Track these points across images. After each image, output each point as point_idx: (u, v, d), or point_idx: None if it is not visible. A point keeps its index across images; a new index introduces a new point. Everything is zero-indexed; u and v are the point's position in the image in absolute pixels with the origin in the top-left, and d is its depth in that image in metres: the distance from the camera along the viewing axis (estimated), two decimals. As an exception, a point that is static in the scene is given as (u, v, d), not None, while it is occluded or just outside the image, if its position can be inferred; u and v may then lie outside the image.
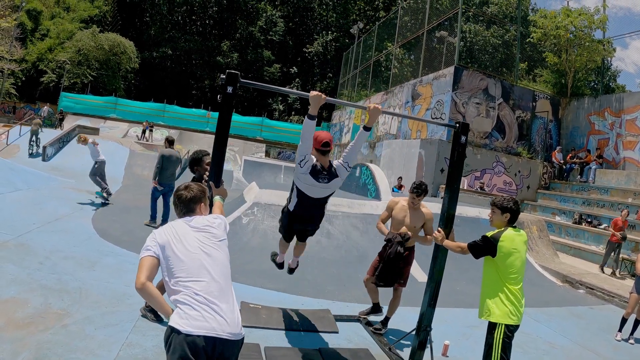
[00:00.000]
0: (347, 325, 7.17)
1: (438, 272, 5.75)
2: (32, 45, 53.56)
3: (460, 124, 5.65)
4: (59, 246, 8.59)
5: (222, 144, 4.59)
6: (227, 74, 4.49)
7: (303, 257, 10.26)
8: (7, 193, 12.95)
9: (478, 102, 25.11)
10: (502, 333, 4.82)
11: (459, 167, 5.84)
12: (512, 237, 4.90)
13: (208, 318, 3.04)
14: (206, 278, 3.19)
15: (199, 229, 3.42)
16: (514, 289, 4.85)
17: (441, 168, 22.14)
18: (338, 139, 43.67)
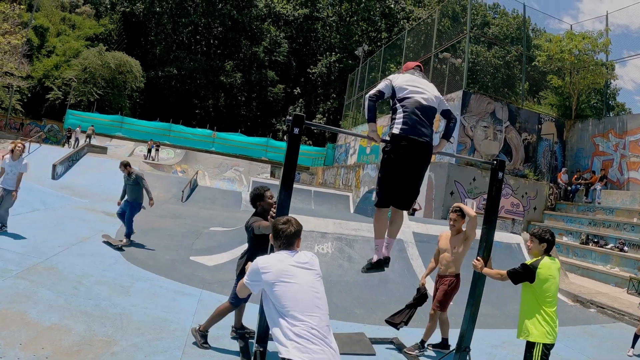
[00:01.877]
0: (382, 348, 7.38)
1: (477, 297, 6.08)
2: (38, 61, 53.66)
3: (497, 161, 5.99)
4: (88, 270, 8.64)
5: (288, 186, 4.81)
6: (293, 116, 4.68)
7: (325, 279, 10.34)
8: (26, 213, 12.98)
9: (486, 126, 25.34)
10: (541, 351, 5.28)
11: (496, 200, 6.21)
12: (548, 265, 5.37)
13: (326, 351, 3.26)
14: (318, 313, 3.38)
15: (303, 267, 3.58)
16: (550, 311, 5.33)
17: (451, 191, 22.24)
18: (344, 160, 43.78)
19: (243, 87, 64.33)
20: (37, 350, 5.12)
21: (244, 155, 47.84)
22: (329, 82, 64.09)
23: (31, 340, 5.21)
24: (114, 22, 62.80)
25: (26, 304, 6.49)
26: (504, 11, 63.08)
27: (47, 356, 5.03)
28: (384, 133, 6.46)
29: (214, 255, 11.79)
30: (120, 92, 55.83)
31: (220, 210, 21.57)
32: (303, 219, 12.26)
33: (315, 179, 44.41)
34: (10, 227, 10.98)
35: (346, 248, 12.02)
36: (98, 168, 25.30)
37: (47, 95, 52.02)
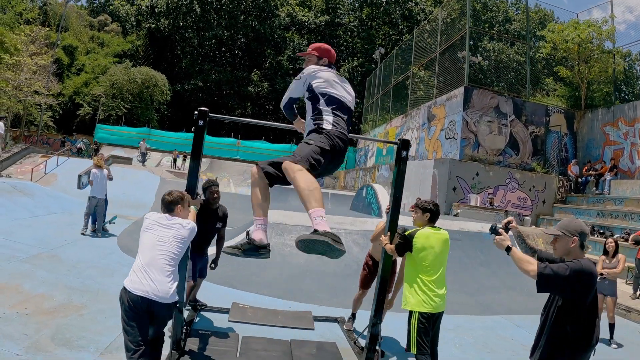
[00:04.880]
0: (324, 325, 7.99)
1: (384, 271, 6.29)
2: (68, 79, 55.78)
3: (401, 140, 6.21)
4: (85, 258, 9.93)
5: (197, 161, 6.00)
6: (199, 110, 5.87)
7: (303, 269, 11.39)
8: (44, 215, 14.45)
9: (490, 120, 25.52)
10: (417, 320, 5.39)
11: (401, 180, 6.24)
12: (427, 235, 5.59)
13: (144, 283, 4.41)
14: (149, 255, 4.54)
15: (161, 224, 4.75)
16: (428, 280, 5.45)
17: (453, 187, 22.58)
18: (363, 163, 44.47)
19: (270, 96, 65.46)
20: (21, 310, 6.41)
21: (268, 162, 48.59)
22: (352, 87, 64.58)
23: (19, 302, 6.44)
24: (140, 39, 64.56)
25: (23, 280, 7.89)
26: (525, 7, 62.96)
27: (27, 313, 6.29)
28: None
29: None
30: (147, 106, 57.46)
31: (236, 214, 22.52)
32: (289, 214, 13.36)
33: (338, 182, 45.15)
34: (27, 225, 12.45)
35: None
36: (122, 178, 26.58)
37: (78, 112, 53.97)
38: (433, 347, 5.63)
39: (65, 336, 5.18)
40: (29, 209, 14.87)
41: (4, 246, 10.12)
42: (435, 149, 28.10)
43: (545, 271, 3.83)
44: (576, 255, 4.02)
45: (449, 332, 7.93)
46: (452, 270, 10.61)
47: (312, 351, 6.59)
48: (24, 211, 14.46)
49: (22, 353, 5.32)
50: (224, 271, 10.82)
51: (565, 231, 4.11)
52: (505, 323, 8.85)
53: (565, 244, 4.09)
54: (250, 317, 7.80)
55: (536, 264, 3.93)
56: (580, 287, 3.81)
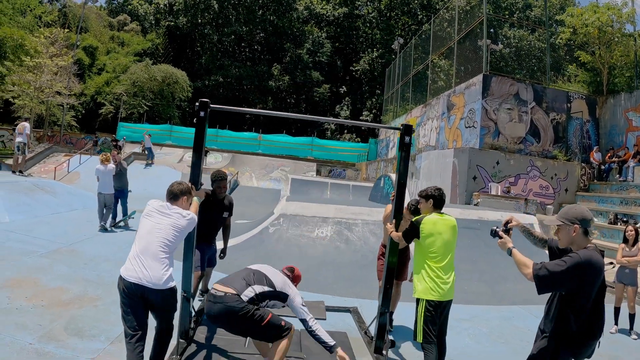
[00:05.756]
0: (336, 315, 8.00)
1: (391, 261, 6.37)
2: (90, 79, 56.53)
3: (404, 125, 6.28)
4: (102, 252, 10.10)
5: (198, 153, 6.21)
6: (200, 102, 6.01)
7: (319, 260, 11.43)
8: (65, 212, 14.71)
9: (509, 108, 25.20)
10: (424, 308, 5.30)
11: (405, 165, 6.39)
12: (434, 221, 5.50)
13: (137, 270, 4.52)
14: (145, 242, 4.66)
15: (161, 212, 4.88)
16: (436, 267, 5.35)
17: (473, 176, 22.43)
18: (385, 154, 44.37)
19: (290, 90, 65.62)
20: (37, 302, 6.57)
21: (290, 155, 48.72)
22: (373, 78, 64.36)
23: (35, 295, 6.58)
24: (159, 37, 65.08)
25: (41, 274, 8.09)
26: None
27: (43, 305, 6.44)
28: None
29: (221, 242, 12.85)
30: (168, 103, 57.96)
31: (256, 207, 22.63)
32: (306, 206, 13.41)
33: (360, 174, 45.09)
34: (48, 222, 12.69)
35: (345, 231, 12.80)
36: (144, 174, 26.89)
37: (100, 110, 54.64)
38: (441, 336, 5.52)
39: (78, 326, 5.31)
40: (50, 206, 15.10)
41: (24, 242, 10.34)
42: (455, 138, 27.94)
43: (540, 272, 3.78)
44: (580, 244, 3.92)
45: (464, 322, 7.94)
46: (471, 259, 10.64)
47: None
48: (45, 208, 14.69)
49: (34, 342, 5.48)
50: (239, 263, 10.91)
51: (564, 220, 4.02)
52: (522, 313, 8.78)
53: (567, 233, 3.99)
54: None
55: (532, 266, 3.88)
56: (580, 280, 3.72)
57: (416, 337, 5.37)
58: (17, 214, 13.11)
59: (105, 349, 4.85)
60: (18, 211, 13.35)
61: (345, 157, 51.34)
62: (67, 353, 5.24)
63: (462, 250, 9.35)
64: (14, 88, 42.29)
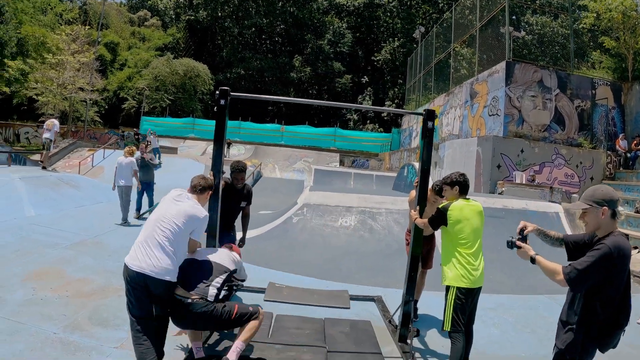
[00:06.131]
0: (361, 304, 7.94)
1: (415, 248, 6.32)
2: (112, 75, 57.45)
3: (426, 111, 6.20)
4: (126, 244, 9.99)
5: (219, 143, 6.21)
6: (220, 90, 6.01)
7: (343, 249, 11.41)
8: (90, 205, 14.85)
9: (533, 95, 24.82)
10: (454, 295, 5.15)
11: (429, 150, 6.36)
12: (461, 207, 5.35)
13: (139, 258, 4.53)
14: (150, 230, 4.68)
15: (175, 199, 4.91)
16: (466, 253, 5.23)
17: (497, 164, 22.13)
18: (408, 144, 44.20)
19: (312, 81, 65.62)
20: (62, 293, 6.62)
21: (313, 146, 48.86)
22: (395, 67, 64.13)
23: (60, 286, 6.64)
24: (180, 31, 65.73)
25: (66, 265, 8.15)
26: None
27: (68, 296, 6.48)
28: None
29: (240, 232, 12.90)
30: (190, 96, 58.44)
31: (280, 198, 22.66)
32: (329, 195, 13.39)
33: (383, 164, 45.00)
34: (72, 215, 12.83)
35: (369, 220, 12.74)
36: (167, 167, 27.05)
37: (123, 105, 55.50)
38: (469, 324, 5.40)
39: (102, 316, 5.34)
40: (75, 200, 15.21)
41: (49, 235, 10.43)
42: (478, 127, 27.66)
43: (571, 275, 3.57)
44: (607, 228, 3.69)
45: (489, 311, 7.82)
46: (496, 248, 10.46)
47: (345, 329, 6.56)
48: (70, 202, 14.80)
49: (59, 332, 5.53)
50: (264, 252, 10.97)
51: (591, 202, 3.73)
52: (548, 303, 8.63)
53: (595, 216, 3.71)
54: (285, 296, 7.85)
55: (561, 270, 3.64)
56: (608, 271, 3.54)
57: (444, 326, 5.22)
58: (42, 208, 13.23)
59: (128, 338, 4.85)
60: (43, 205, 13.46)
61: (369, 147, 51.33)
62: (91, 342, 5.27)
63: (486, 238, 9.14)
64: (37, 85, 42.90)
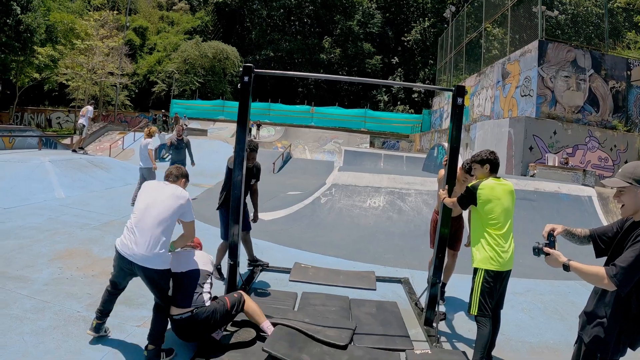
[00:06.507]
0: (387, 285, 7.85)
1: (443, 228, 6.17)
2: (141, 59, 58.11)
3: (456, 87, 6.02)
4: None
5: (243, 125, 5.97)
6: (244, 66, 5.85)
7: (371, 230, 11.34)
8: (119, 187, 14.99)
9: (567, 75, 24.43)
10: (482, 278, 4.94)
11: (459, 128, 6.22)
12: (491, 186, 5.09)
13: (126, 243, 4.71)
14: (139, 216, 4.76)
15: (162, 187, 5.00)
16: (496, 235, 4.98)
17: (529, 146, 21.86)
18: (439, 125, 43.88)
19: (342, 62, 65.31)
20: (88, 272, 6.66)
21: (343, 128, 48.84)
22: (425, 48, 63.59)
23: (87, 266, 6.67)
24: (208, 14, 65.95)
25: (93, 245, 8.21)
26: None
27: (94, 275, 6.52)
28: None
29: (274, 212, 12.90)
30: (220, 79, 58.75)
31: (309, 179, 22.65)
32: (359, 176, 13.33)
33: (414, 145, 44.78)
34: (101, 196, 12.95)
35: (397, 201, 12.67)
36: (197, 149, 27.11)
37: (153, 89, 56.22)
38: (496, 309, 5.19)
39: (126, 295, 5.30)
40: (105, 182, 15.35)
41: (79, 215, 10.52)
42: (510, 108, 27.29)
43: (618, 276, 3.12)
44: None
45: (518, 296, 7.66)
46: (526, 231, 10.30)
47: (372, 310, 6.49)
48: (100, 184, 14.95)
49: (82, 310, 5.59)
50: (291, 233, 10.95)
51: (631, 180, 3.24)
52: (579, 289, 8.39)
53: (634, 197, 3.25)
54: (311, 276, 7.79)
55: (605, 274, 3.18)
56: None
57: (470, 309, 5.01)
58: (72, 189, 13.36)
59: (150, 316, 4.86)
60: (73, 187, 13.60)
61: (399, 129, 51.06)
62: (114, 320, 5.27)
63: (517, 222, 8.97)
64: (67, 71, 43.49)
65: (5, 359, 4.43)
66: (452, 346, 5.72)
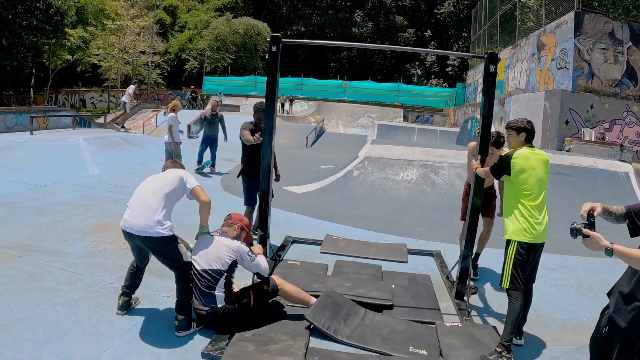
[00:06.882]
0: (418, 258, 7.82)
1: (476, 202, 6.10)
2: (173, 37, 58.65)
3: (488, 54, 5.87)
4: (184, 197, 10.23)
5: (272, 92, 5.97)
6: (271, 37, 5.76)
7: (404, 203, 11.30)
8: (152, 163, 15.13)
9: (604, 48, 23.70)
10: (515, 250, 4.79)
11: (491, 96, 6.02)
12: (526, 155, 4.92)
13: (126, 218, 4.85)
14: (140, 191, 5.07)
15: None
16: (530, 206, 4.83)
17: (565, 120, 21.43)
18: (473, 99, 43.38)
19: (374, 36, 64.77)
20: (121, 245, 6.70)
21: (376, 102, 48.67)
22: (459, 21, 62.75)
23: (119, 239, 6.65)
24: (238, -10, 65.88)
25: (126, 219, 8.25)
26: None
27: (126, 248, 6.50)
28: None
29: (305, 185, 13.00)
30: (252, 55, 58.95)
31: (342, 153, 22.50)
32: (392, 148, 13.27)
33: (448, 119, 44.42)
34: (135, 172, 13.11)
35: (431, 174, 12.54)
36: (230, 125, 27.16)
37: (185, 67, 56.69)
38: (529, 283, 5.03)
39: (157, 267, 5.34)
40: (138, 158, 15.52)
41: (112, 191, 10.68)
42: (546, 81, 26.76)
43: None
44: None
45: (551, 271, 7.50)
46: (561, 207, 10.14)
47: (404, 282, 6.46)
48: (133, 160, 15.11)
49: (114, 281, 5.71)
50: (324, 205, 10.97)
51: None
52: (613, 267, 8.15)
53: None
54: (342, 248, 7.80)
55: None
56: None
57: (502, 283, 4.88)
58: (106, 167, 13.54)
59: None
60: (107, 164, 13.78)
61: (433, 103, 50.77)
62: (144, 291, 5.38)
63: (552, 196, 8.82)
64: (99, 51, 44.01)
65: (39, 329, 4.52)
66: (483, 320, 5.69)
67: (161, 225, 4.66)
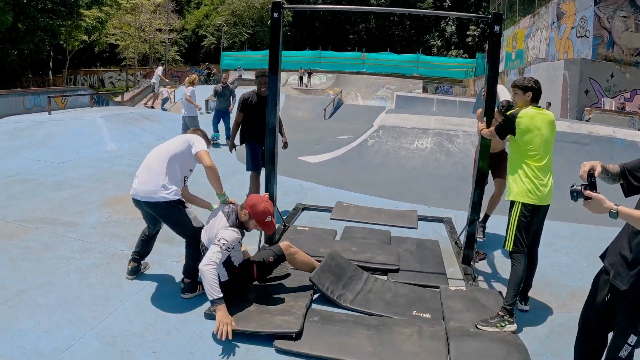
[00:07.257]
0: (428, 224, 7.83)
1: (481, 162, 5.99)
2: (189, 14, 58.73)
3: (493, 14, 5.72)
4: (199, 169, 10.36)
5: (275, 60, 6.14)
6: (272, 3, 5.87)
7: (418, 171, 11.32)
8: (168, 137, 15.03)
9: (625, 15, 23.23)
10: (519, 211, 4.72)
11: (496, 58, 5.90)
12: (532, 115, 4.80)
13: (135, 181, 4.87)
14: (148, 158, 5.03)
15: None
16: (535, 166, 4.74)
17: (585, 89, 21.22)
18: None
19: (393, 6, 64.02)
20: (134, 215, 6.85)
21: (395, 74, 48.43)
22: (479, -10, 62.06)
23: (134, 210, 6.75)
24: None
25: (141, 191, 8.44)
26: None
27: (139, 217, 6.63)
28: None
29: (320, 155, 13.10)
30: (269, 29, 58.54)
31: (360, 125, 22.41)
32: (406, 117, 13.28)
33: (467, 90, 44.08)
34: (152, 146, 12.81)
35: (445, 143, 12.57)
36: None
37: (202, 43, 56.79)
38: (533, 246, 4.97)
39: (169, 234, 5.46)
40: (155, 133, 15.67)
41: (129, 165, 10.85)
42: (566, 49, 26.40)
43: None
44: None
45: (563, 239, 7.45)
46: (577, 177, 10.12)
47: (412, 247, 6.49)
48: (150, 135, 15.27)
49: (125, 249, 5.88)
50: (338, 174, 11.06)
51: None
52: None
53: None
54: (352, 215, 7.87)
55: None
56: None
57: (506, 244, 4.85)
58: (123, 142, 13.74)
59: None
60: (124, 140, 13.97)
61: (452, 74, 50.39)
62: (154, 257, 5.53)
63: (568, 166, 8.82)
64: (116, 31, 44.22)
65: (52, 295, 4.70)
66: (489, 286, 5.70)
67: (166, 190, 4.67)
